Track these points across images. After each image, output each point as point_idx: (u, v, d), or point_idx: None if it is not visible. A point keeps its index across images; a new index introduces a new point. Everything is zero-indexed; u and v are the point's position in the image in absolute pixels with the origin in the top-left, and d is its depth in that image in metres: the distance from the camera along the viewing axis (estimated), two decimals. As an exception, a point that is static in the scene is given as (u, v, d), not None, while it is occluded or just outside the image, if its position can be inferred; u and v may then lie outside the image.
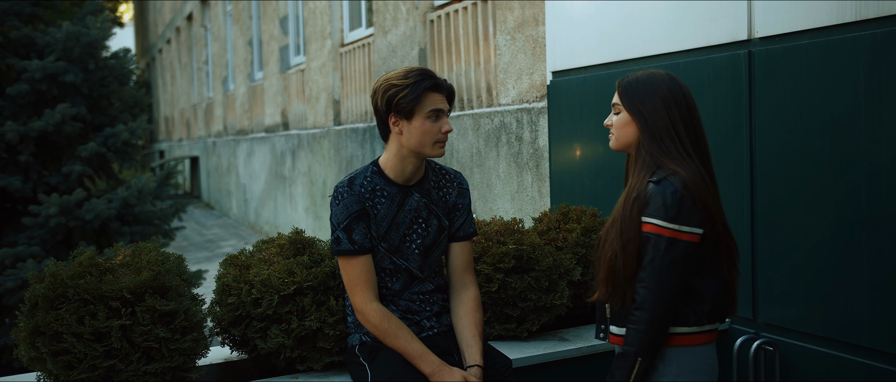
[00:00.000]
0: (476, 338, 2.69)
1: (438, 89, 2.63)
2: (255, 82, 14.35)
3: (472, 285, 2.79)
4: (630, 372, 2.33)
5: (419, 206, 2.72)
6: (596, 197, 4.34)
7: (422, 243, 2.71)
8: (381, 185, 2.68)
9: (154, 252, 2.83)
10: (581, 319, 3.67)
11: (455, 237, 2.79)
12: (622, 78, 2.50)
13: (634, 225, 2.33)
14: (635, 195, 2.35)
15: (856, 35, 3.00)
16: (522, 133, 5.51)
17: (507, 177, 5.75)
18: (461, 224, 2.79)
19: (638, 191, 2.35)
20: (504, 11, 5.84)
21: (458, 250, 2.80)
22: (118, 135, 6.65)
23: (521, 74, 5.65)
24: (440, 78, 2.66)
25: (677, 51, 3.83)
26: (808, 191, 3.21)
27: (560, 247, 3.50)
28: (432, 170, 2.80)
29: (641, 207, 2.33)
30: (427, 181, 2.76)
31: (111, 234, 6.47)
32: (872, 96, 2.95)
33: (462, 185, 2.83)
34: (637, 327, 2.33)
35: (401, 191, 2.70)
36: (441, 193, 2.78)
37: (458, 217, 2.79)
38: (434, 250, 2.75)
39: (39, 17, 7.18)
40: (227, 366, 3.08)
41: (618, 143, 2.48)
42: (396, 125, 2.64)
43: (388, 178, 2.70)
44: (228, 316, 2.93)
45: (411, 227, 2.70)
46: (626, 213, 2.35)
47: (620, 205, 2.40)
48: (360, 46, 9.13)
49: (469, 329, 2.70)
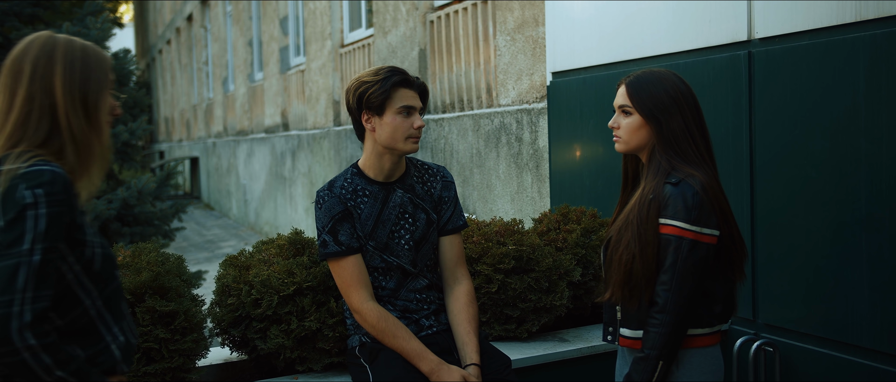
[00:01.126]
0: (471, 335, 2.69)
1: (409, 85, 2.66)
2: (255, 83, 14.35)
3: (464, 279, 2.80)
4: (651, 376, 2.31)
5: (404, 202, 2.73)
6: (596, 198, 4.34)
7: (411, 238, 2.72)
8: (361, 185, 2.71)
9: (154, 252, 2.83)
10: (581, 320, 3.67)
11: (444, 230, 2.80)
12: (626, 77, 2.45)
13: (652, 228, 2.30)
14: (651, 197, 2.31)
15: (856, 36, 3.00)
16: (522, 134, 5.51)
17: (506, 177, 5.75)
18: (449, 216, 2.80)
19: (654, 193, 2.32)
20: (504, 12, 5.84)
21: (449, 243, 2.80)
22: (118, 136, 6.66)
23: (521, 75, 5.65)
24: (412, 76, 2.69)
25: (677, 51, 3.83)
26: (807, 191, 3.21)
27: (560, 248, 3.50)
28: (414, 166, 2.82)
29: (658, 209, 2.30)
30: (409, 176, 2.78)
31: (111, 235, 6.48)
32: (872, 97, 2.95)
33: (446, 178, 2.84)
34: (659, 330, 2.29)
35: (383, 189, 2.72)
36: (426, 187, 2.79)
37: (446, 209, 2.80)
38: (424, 244, 2.75)
39: (40, 17, 7.19)
40: (226, 367, 3.08)
41: (627, 147, 2.43)
42: (368, 122, 2.68)
43: (368, 178, 2.72)
44: (228, 317, 2.93)
45: (398, 223, 2.71)
46: (643, 216, 2.31)
47: (634, 208, 2.35)
48: (360, 47, 9.13)
49: (464, 326, 2.71)
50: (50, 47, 1.79)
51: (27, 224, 1.64)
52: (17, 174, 1.68)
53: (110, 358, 1.82)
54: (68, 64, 1.78)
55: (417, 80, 2.70)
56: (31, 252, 1.63)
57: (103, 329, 1.82)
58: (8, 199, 1.66)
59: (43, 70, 1.76)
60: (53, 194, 1.67)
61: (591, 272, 3.53)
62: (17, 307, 1.60)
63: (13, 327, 1.59)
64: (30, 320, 1.61)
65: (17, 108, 1.74)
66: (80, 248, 1.77)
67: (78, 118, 1.77)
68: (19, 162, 1.70)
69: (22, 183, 1.67)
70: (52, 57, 1.78)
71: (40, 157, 1.73)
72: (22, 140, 1.75)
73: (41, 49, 1.78)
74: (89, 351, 1.78)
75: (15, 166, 1.70)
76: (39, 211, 1.65)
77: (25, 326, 1.60)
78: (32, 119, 1.75)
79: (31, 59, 1.77)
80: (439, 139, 6.87)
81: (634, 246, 2.32)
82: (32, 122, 1.75)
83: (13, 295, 1.60)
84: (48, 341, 1.64)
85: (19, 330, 1.60)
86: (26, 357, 1.61)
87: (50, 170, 1.69)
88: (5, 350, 1.60)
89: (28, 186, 1.66)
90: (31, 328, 1.61)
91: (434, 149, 6.97)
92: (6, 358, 1.60)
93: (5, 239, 1.64)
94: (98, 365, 1.79)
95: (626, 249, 2.34)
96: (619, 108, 2.43)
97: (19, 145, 1.75)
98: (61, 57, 1.78)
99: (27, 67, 1.76)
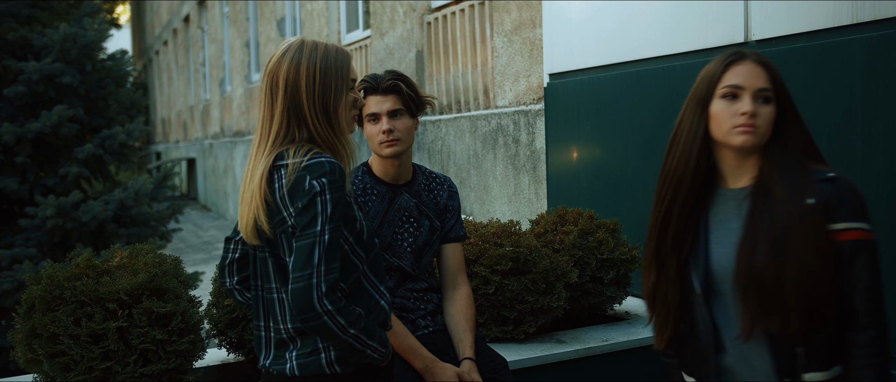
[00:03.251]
0: (467, 332, 2.70)
1: (374, 91, 2.66)
2: (252, 84, 14.34)
3: (463, 285, 2.82)
4: None
5: (410, 206, 2.75)
6: (593, 200, 4.34)
7: (414, 242, 2.74)
8: (371, 184, 2.73)
9: (151, 254, 2.83)
10: (578, 321, 3.67)
11: (447, 238, 2.82)
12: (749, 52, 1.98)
13: (825, 236, 1.88)
14: (813, 201, 1.88)
15: (852, 38, 3.01)
16: (519, 135, 5.51)
17: (504, 179, 5.75)
18: (452, 225, 2.82)
19: (814, 195, 1.89)
20: (501, 13, 5.85)
21: (451, 251, 2.82)
22: (115, 137, 6.64)
23: (518, 76, 5.66)
24: (382, 78, 2.67)
25: (674, 53, 3.84)
26: (804, 193, 3.21)
27: (557, 250, 3.50)
28: (422, 174, 2.84)
29: (827, 213, 1.89)
30: (417, 183, 2.80)
31: (108, 236, 6.46)
32: (869, 99, 2.96)
33: (452, 189, 2.86)
34: (880, 358, 1.87)
35: (390, 190, 2.74)
36: (431, 195, 2.82)
37: (450, 218, 2.82)
38: (427, 250, 2.77)
39: (36, 18, 7.17)
40: (223, 368, 3.08)
41: (761, 140, 1.95)
42: (364, 130, 2.73)
43: (376, 177, 2.75)
44: (225, 318, 2.93)
45: (402, 225, 2.73)
46: (813, 223, 1.88)
47: (787, 217, 1.89)
48: (358, 48, 9.13)
49: (460, 324, 2.72)
50: (297, 62, 2.03)
51: (318, 208, 1.94)
52: (302, 166, 1.96)
53: (383, 312, 2.13)
54: (310, 78, 2.04)
55: (385, 83, 2.65)
56: (322, 232, 1.93)
57: (371, 288, 2.12)
58: (298, 188, 1.95)
59: (292, 86, 2.02)
60: (334, 182, 1.96)
61: (588, 273, 3.53)
62: (316, 279, 1.91)
63: (314, 296, 1.90)
64: (325, 290, 1.91)
65: (277, 119, 2.03)
66: (352, 223, 2.06)
67: (322, 126, 2.04)
68: (299, 156, 1.98)
69: (308, 174, 1.95)
70: (298, 72, 2.03)
71: (316, 150, 2.01)
72: (292, 143, 2.02)
73: (290, 63, 2.03)
74: (365, 307, 2.07)
75: (298, 160, 1.97)
76: (325, 197, 1.94)
77: (323, 295, 1.91)
78: (292, 128, 2.03)
79: (283, 74, 2.03)
80: (436, 140, 6.87)
81: (813, 263, 1.86)
82: (292, 131, 2.03)
83: (312, 269, 1.91)
84: (341, 305, 1.94)
85: (319, 299, 1.90)
86: (326, 320, 1.92)
87: (327, 161, 1.98)
88: (309, 315, 1.91)
89: (313, 177, 1.95)
90: (327, 296, 1.91)
91: (431, 151, 6.97)
92: (310, 322, 1.92)
93: (300, 223, 1.94)
94: (374, 320, 2.08)
95: (800, 268, 1.86)
96: (753, 93, 1.92)
97: (291, 146, 2.02)
98: (305, 71, 2.03)
99: (281, 82, 2.03)
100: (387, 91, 2.65)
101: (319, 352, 2.04)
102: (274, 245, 2.03)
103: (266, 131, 2.05)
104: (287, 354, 2.06)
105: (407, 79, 2.71)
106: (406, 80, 2.70)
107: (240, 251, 2.24)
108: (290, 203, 1.97)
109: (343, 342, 1.97)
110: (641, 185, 4.06)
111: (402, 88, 2.66)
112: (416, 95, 2.71)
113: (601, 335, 3.46)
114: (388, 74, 2.68)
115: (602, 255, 3.53)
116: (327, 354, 2.03)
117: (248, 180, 2.04)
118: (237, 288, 2.25)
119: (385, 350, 2.07)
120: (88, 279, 2.64)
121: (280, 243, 2.01)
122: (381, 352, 2.06)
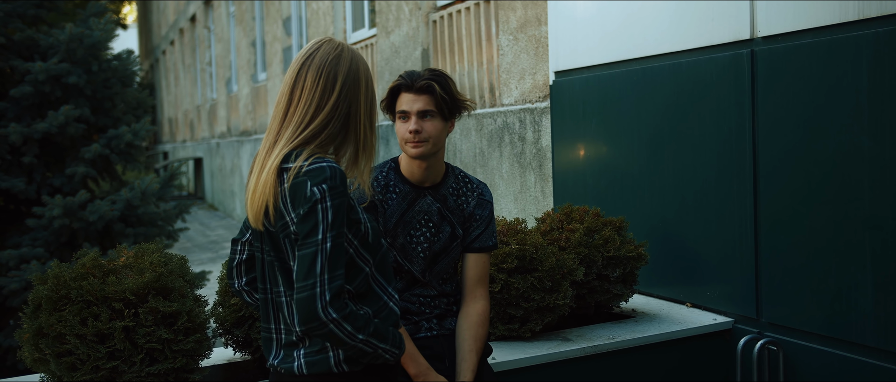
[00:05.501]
0: (472, 353, 2.63)
1: (408, 89, 2.57)
2: (259, 83, 14.36)
3: (481, 299, 2.70)
4: None
5: (431, 209, 2.66)
6: (599, 197, 4.34)
7: (428, 247, 2.66)
8: (394, 181, 2.66)
9: (157, 253, 2.83)
10: (584, 319, 3.67)
11: (470, 247, 2.72)
12: None
13: None
14: None
15: (858, 34, 3.00)
16: (525, 133, 5.50)
17: (510, 177, 5.75)
18: (477, 235, 2.71)
19: None
20: (506, 12, 5.84)
21: (473, 261, 2.72)
22: (122, 137, 6.66)
23: (523, 74, 5.65)
24: (417, 77, 2.57)
25: (680, 50, 3.83)
26: (811, 189, 3.20)
27: (563, 247, 3.50)
28: (454, 177, 2.73)
29: None
30: (445, 187, 2.70)
31: (115, 236, 6.48)
32: (875, 95, 2.95)
33: (483, 197, 2.74)
34: None
35: (413, 191, 2.66)
36: (459, 201, 2.71)
37: (475, 228, 2.71)
38: (443, 257, 2.69)
39: (43, 18, 7.18)
40: (230, 367, 3.08)
41: None
42: (395, 127, 2.66)
43: (402, 176, 2.67)
44: (231, 318, 2.94)
45: (419, 229, 2.65)
46: None
47: None
48: (364, 47, 9.13)
49: (467, 343, 2.64)
50: (356, 64, 2.06)
51: (318, 216, 1.93)
52: (303, 172, 1.95)
53: (393, 314, 2.13)
54: (366, 81, 2.08)
55: (419, 82, 2.56)
56: (324, 240, 1.92)
57: (379, 290, 2.12)
58: (299, 194, 1.95)
59: (351, 86, 2.04)
60: (335, 187, 1.95)
61: (595, 271, 3.52)
62: (319, 288, 1.91)
63: (318, 306, 1.90)
64: (329, 298, 1.91)
65: (325, 114, 2.02)
66: (356, 226, 2.05)
67: (367, 127, 2.08)
68: (300, 160, 1.97)
69: (308, 179, 1.94)
70: (358, 74, 2.06)
71: (317, 154, 2.00)
72: (312, 140, 2.01)
73: (351, 64, 2.06)
74: (373, 309, 2.08)
75: (299, 164, 1.96)
76: (326, 204, 1.93)
77: (327, 304, 1.91)
78: (333, 125, 2.03)
79: (343, 72, 2.03)
80: (442, 139, 6.87)
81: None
82: (331, 128, 2.03)
83: (315, 279, 1.91)
84: (347, 312, 1.94)
85: (323, 308, 1.91)
86: (333, 328, 1.92)
87: (328, 165, 1.96)
88: (315, 325, 1.92)
89: (314, 183, 1.94)
90: (332, 304, 1.92)
91: (437, 149, 6.98)
92: (317, 331, 1.93)
93: (302, 231, 1.94)
94: (384, 321, 2.09)
95: None
96: None
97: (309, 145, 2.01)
98: (362, 73, 2.07)
99: (340, 80, 2.03)
100: (420, 90, 2.55)
101: (327, 351, 2.04)
102: (279, 249, 2.04)
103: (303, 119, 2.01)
104: (295, 353, 2.07)
105: (444, 81, 2.58)
106: (442, 82, 2.57)
107: (247, 252, 2.25)
108: (292, 208, 1.97)
109: (353, 347, 1.98)
110: (647, 183, 4.05)
111: (436, 89, 2.55)
112: (451, 98, 2.58)
113: (608, 333, 3.45)
114: (425, 73, 2.58)
115: (608, 253, 3.52)
116: (335, 353, 2.04)
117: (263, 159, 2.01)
118: (245, 290, 2.27)
119: (399, 351, 2.08)
120: (95, 278, 2.64)
121: (284, 248, 2.02)
122: (394, 353, 2.06)
